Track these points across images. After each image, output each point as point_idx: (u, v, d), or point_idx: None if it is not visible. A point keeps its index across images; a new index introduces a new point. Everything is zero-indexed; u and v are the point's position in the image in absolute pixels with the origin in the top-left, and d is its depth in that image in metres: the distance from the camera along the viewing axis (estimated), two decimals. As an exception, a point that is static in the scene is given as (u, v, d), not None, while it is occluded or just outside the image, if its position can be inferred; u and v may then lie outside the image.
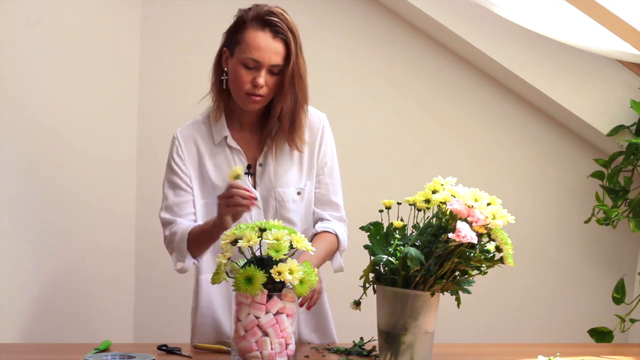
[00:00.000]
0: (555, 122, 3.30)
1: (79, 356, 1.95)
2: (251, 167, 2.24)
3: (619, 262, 3.27)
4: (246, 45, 2.13)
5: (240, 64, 2.14)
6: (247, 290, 1.79)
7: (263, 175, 2.25)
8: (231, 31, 2.19)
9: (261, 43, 2.12)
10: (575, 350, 2.23)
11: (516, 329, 3.31)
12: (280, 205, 2.24)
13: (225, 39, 2.21)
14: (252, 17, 2.15)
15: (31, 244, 2.63)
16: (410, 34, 3.26)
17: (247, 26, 2.14)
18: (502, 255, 1.85)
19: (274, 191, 2.24)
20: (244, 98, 2.16)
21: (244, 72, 2.14)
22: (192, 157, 2.25)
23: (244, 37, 2.14)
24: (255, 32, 2.13)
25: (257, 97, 2.15)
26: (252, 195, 2.00)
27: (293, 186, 2.26)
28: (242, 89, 2.15)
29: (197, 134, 2.27)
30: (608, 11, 2.83)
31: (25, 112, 2.58)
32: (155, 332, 3.24)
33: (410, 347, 1.86)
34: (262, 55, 2.12)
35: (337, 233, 2.27)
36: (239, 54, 2.14)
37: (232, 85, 2.18)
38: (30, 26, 2.57)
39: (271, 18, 2.13)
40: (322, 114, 2.31)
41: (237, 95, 2.18)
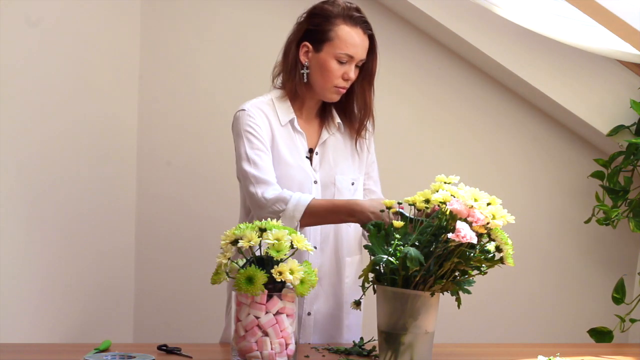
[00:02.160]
0: (555, 122, 3.30)
1: (79, 356, 1.95)
2: (312, 152, 2.33)
3: (619, 262, 3.27)
4: (342, 42, 2.23)
5: (333, 59, 2.24)
6: (248, 290, 1.79)
7: (322, 162, 2.33)
8: (315, 27, 2.26)
9: (357, 40, 2.25)
10: (575, 350, 2.23)
11: (516, 329, 3.31)
12: (339, 192, 2.32)
13: (305, 34, 2.27)
14: (341, 13, 2.24)
15: (31, 244, 2.63)
16: (410, 34, 3.26)
17: (338, 23, 2.24)
18: (502, 255, 1.85)
19: (334, 177, 2.32)
20: (330, 90, 2.27)
21: (336, 67, 2.24)
22: (265, 131, 2.28)
23: (337, 33, 2.23)
24: (350, 28, 2.24)
25: (343, 90, 2.28)
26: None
27: (349, 175, 2.35)
28: (332, 82, 2.25)
29: (268, 111, 2.31)
30: (608, 11, 2.83)
31: (26, 112, 2.58)
32: (155, 332, 3.24)
33: (410, 347, 1.86)
34: (357, 51, 2.25)
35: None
36: (330, 49, 2.23)
37: (320, 79, 2.26)
38: (30, 26, 2.57)
39: (359, 15, 2.26)
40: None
41: (323, 88, 2.27)
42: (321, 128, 2.36)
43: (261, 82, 3.22)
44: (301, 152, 2.31)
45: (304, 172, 2.29)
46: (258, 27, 3.28)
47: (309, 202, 2.15)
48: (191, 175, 3.29)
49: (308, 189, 2.28)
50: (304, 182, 2.28)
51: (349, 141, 2.38)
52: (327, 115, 2.36)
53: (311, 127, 2.35)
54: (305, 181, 2.28)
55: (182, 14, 3.28)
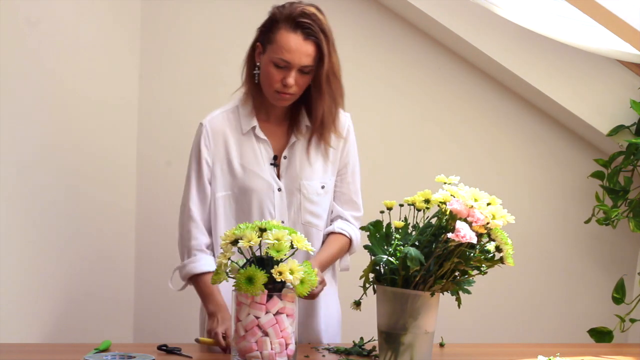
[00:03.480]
0: (555, 122, 3.30)
1: (79, 356, 1.95)
2: (277, 159, 2.28)
3: (619, 262, 3.27)
4: (277, 46, 2.17)
5: (271, 63, 2.18)
6: (248, 290, 1.79)
7: (288, 168, 2.29)
8: (264, 28, 2.23)
9: (292, 45, 2.16)
10: (575, 350, 2.23)
11: (516, 329, 3.31)
12: (305, 198, 2.28)
13: (258, 35, 2.25)
14: (284, 17, 2.18)
15: (31, 244, 2.63)
16: (410, 34, 3.26)
17: (279, 26, 2.18)
18: (502, 255, 1.85)
19: (300, 183, 2.28)
20: (273, 95, 2.21)
21: (274, 71, 2.18)
22: (218, 147, 2.28)
23: (275, 37, 2.18)
24: (287, 33, 2.17)
25: (286, 95, 2.20)
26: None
27: (318, 180, 2.30)
28: (272, 86, 2.20)
29: (226, 123, 2.30)
30: (608, 11, 2.83)
31: (26, 112, 2.58)
32: (155, 332, 3.24)
33: (410, 347, 1.86)
34: (292, 57, 2.16)
35: (352, 237, 2.33)
36: (270, 52, 2.19)
37: (263, 82, 2.22)
38: (30, 26, 2.57)
39: (303, 20, 2.17)
40: (347, 113, 2.36)
41: (267, 91, 2.23)
42: (290, 131, 2.30)
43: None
44: (262, 160, 2.27)
45: (264, 181, 2.26)
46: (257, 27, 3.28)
47: (199, 273, 2.24)
48: (191, 175, 3.28)
49: (270, 197, 2.26)
50: (265, 190, 2.26)
51: (321, 143, 2.31)
52: (296, 118, 2.30)
53: (279, 130, 2.30)
54: (267, 190, 2.26)
55: (182, 14, 3.28)
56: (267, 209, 2.25)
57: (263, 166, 2.27)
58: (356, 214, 2.37)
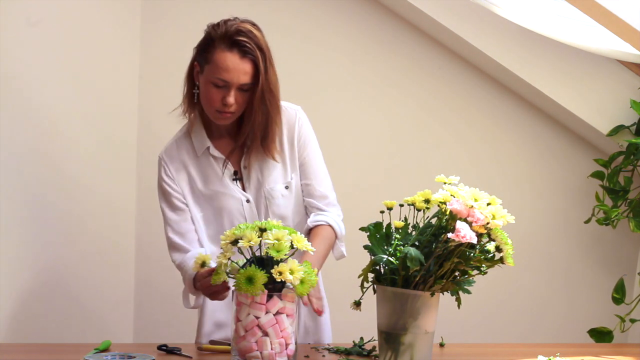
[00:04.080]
0: (555, 122, 3.30)
1: (79, 356, 1.95)
2: (238, 173, 2.27)
3: (619, 262, 3.27)
4: (215, 66, 2.13)
5: (209, 83, 2.15)
6: (249, 290, 1.79)
7: (250, 177, 2.27)
8: (200, 48, 2.19)
9: (229, 64, 2.12)
10: (575, 350, 2.23)
11: (516, 329, 3.31)
12: (270, 203, 2.26)
13: (195, 54, 2.21)
14: (220, 36, 2.14)
15: (31, 244, 2.63)
16: (410, 34, 3.26)
17: (215, 45, 2.14)
18: (502, 255, 1.85)
19: (263, 190, 2.26)
20: (214, 114, 2.18)
21: (214, 91, 2.15)
22: (180, 174, 2.27)
23: (212, 57, 2.13)
24: (223, 53, 2.13)
25: (227, 114, 2.17)
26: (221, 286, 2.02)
27: (280, 182, 2.27)
28: (212, 106, 2.16)
29: (181, 150, 2.29)
30: (608, 11, 2.83)
31: (26, 112, 2.58)
32: (155, 332, 3.24)
33: (410, 347, 1.85)
34: (230, 76, 2.12)
35: (331, 223, 2.28)
36: (208, 73, 2.15)
37: (203, 102, 2.19)
38: (30, 26, 2.57)
39: (239, 38, 2.13)
40: (297, 107, 2.31)
41: (208, 111, 2.19)
42: (244, 143, 2.25)
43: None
44: (223, 177, 2.25)
45: (231, 197, 2.25)
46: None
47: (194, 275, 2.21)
48: (191, 175, 3.28)
49: (239, 211, 2.25)
50: (234, 206, 2.25)
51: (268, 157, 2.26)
52: (243, 130, 2.24)
53: (234, 142, 2.27)
54: (235, 205, 2.25)
55: (182, 14, 3.28)
56: (238, 222, 2.22)
57: (227, 183, 2.25)
58: (327, 200, 2.32)
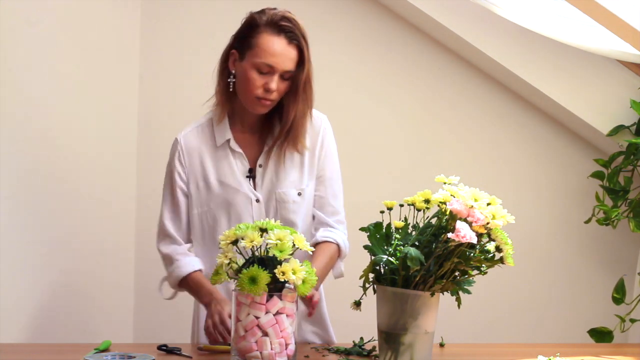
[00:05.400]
0: (555, 122, 3.30)
1: (79, 356, 1.95)
2: (252, 171, 2.25)
3: (619, 262, 3.27)
4: (261, 50, 2.13)
5: (253, 68, 2.14)
6: (252, 291, 1.79)
7: (264, 176, 2.25)
8: (242, 34, 2.18)
9: (277, 49, 2.13)
10: (575, 350, 2.23)
11: (516, 329, 3.31)
12: (280, 206, 2.24)
13: (234, 42, 2.21)
14: (266, 21, 2.14)
15: (31, 244, 2.63)
16: (410, 34, 3.27)
17: (260, 31, 2.14)
18: (502, 255, 1.85)
19: (275, 192, 2.24)
20: (253, 101, 2.17)
21: (256, 77, 2.14)
22: (193, 164, 2.26)
23: (257, 41, 2.13)
24: (270, 37, 2.13)
25: (267, 102, 2.16)
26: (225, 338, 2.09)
27: (294, 187, 2.25)
28: (253, 92, 2.15)
29: (200, 138, 2.27)
30: (608, 11, 2.83)
31: (26, 112, 2.58)
32: (155, 332, 3.24)
33: (410, 347, 1.86)
34: (277, 61, 2.12)
35: (339, 242, 2.27)
36: (251, 58, 2.14)
37: (242, 88, 2.17)
38: (30, 26, 2.57)
39: (286, 24, 2.14)
40: (323, 116, 2.31)
41: (246, 98, 2.18)
42: (263, 140, 2.26)
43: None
44: (238, 173, 2.24)
45: (242, 194, 2.23)
46: (258, 27, 3.28)
47: (186, 275, 2.22)
48: (191, 175, 3.28)
49: (248, 210, 2.23)
50: (243, 203, 2.23)
51: (295, 150, 2.26)
52: (270, 126, 2.26)
53: (254, 139, 2.27)
54: (244, 202, 2.23)
55: (182, 14, 3.28)
56: (245, 222, 2.17)
57: (240, 179, 2.24)
58: (337, 217, 2.31)
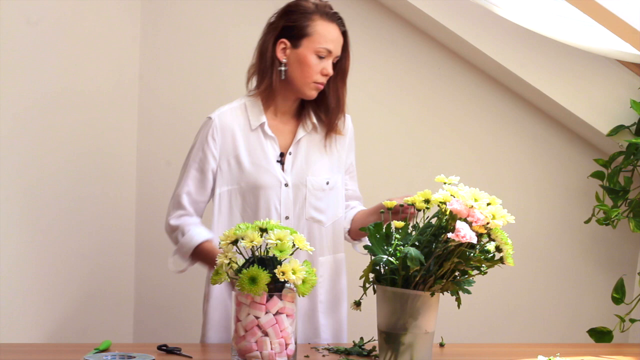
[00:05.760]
0: (555, 122, 3.30)
1: (79, 356, 1.95)
2: (283, 156, 2.32)
3: (619, 262, 3.27)
4: (320, 36, 2.26)
5: (312, 54, 2.26)
6: (252, 291, 1.79)
7: (294, 163, 2.33)
8: (292, 23, 2.28)
9: (335, 35, 2.29)
10: (575, 350, 2.23)
11: (516, 329, 3.31)
12: (310, 193, 2.32)
13: (282, 31, 2.30)
14: (319, 10, 2.28)
15: (31, 244, 2.63)
16: (410, 34, 3.26)
17: (315, 18, 2.27)
18: (502, 255, 1.85)
19: (306, 179, 2.32)
20: (309, 86, 2.28)
21: (315, 62, 2.27)
22: (226, 142, 2.31)
23: (315, 29, 2.27)
24: (328, 24, 2.28)
25: (321, 85, 2.30)
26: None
27: (323, 176, 2.35)
28: (312, 77, 2.27)
29: (234, 119, 2.33)
30: (608, 11, 2.83)
31: (25, 112, 2.58)
32: (155, 332, 3.24)
33: (410, 347, 1.86)
34: (335, 46, 2.28)
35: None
36: (310, 44, 2.26)
37: (300, 74, 2.28)
38: (30, 26, 2.57)
39: (335, 12, 2.30)
40: (348, 115, 2.44)
41: (303, 83, 2.28)
42: (296, 128, 2.35)
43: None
44: (270, 156, 2.30)
45: (272, 177, 2.29)
46: (258, 27, 3.28)
47: (199, 244, 2.25)
48: (191, 175, 3.28)
49: (276, 192, 2.29)
50: (272, 186, 2.29)
51: (326, 141, 2.38)
52: (303, 115, 2.36)
53: (286, 127, 2.35)
54: (274, 185, 2.29)
55: (182, 14, 3.28)
56: (273, 205, 2.29)
57: (272, 163, 2.30)
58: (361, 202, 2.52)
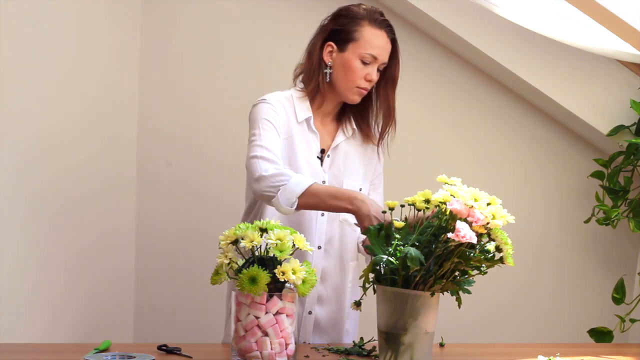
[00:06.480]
0: (555, 122, 3.30)
1: (79, 356, 1.95)
2: (324, 152, 2.34)
3: (619, 262, 3.27)
4: (367, 42, 2.26)
5: (357, 59, 2.26)
6: (252, 291, 1.79)
7: (331, 165, 2.34)
8: (341, 27, 2.28)
9: (382, 42, 2.28)
10: (575, 350, 2.23)
11: (516, 329, 3.31)
12: None
13: (330, 34, 2.30)
14: (367, 15, 2.27)
15: (31, 244, 2.63)
16: (410, 34, 3.26)
17: (363, 24, 2.27)
18: (502, 255, 1.85)
19: (342, 181, 2.34)
20: (352, 91, 2.29)
21: (360, 67, 2.27)
22: (283, 119, 2.30)
23: (362, 34, 2.26)
24: (375, 30, 2.27)
25: (364, 91, 2.29)
26: None
27: (358, 181, 2.37)
28: (355, 82, 2.27)
29: (285, 105, 2.32)
30: (608, 11, 2.83)
31: (25, 112, 2.58)
32: (155, 332, 3.24)
33: (410, 347, 1.85)
34: (380, 52, 2.28)
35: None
36: (356, 49, 2.26)
37: (343, 78, 2.28)
38: (30, 26, 2.57)
39: (385, 19, 2.29)
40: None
41: (346, 87, 2.29)
42: (336, 131, 2.37)
43: (261, 82, 3.23)
44: (313, 151, 2.32)
45: (313, 171, 2.31)
46: (258, 27, 3.28)
47: (312, 183, 2.13)
48: (191, 175, 3.29)
49: None
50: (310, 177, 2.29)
51: (361, 148, 2.39)
52: (344, 120, 2.38)
53: (326, 129, 2.37)
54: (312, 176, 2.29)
55: (182, 14, 3.28)
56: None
57: (313, 156, 2.32)
58: None
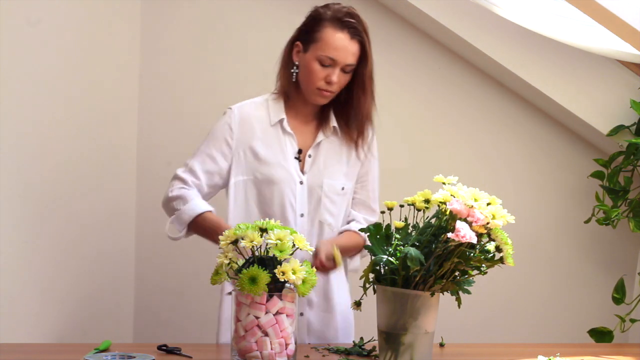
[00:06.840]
0: (555, 122, 3.30)
1: (79, 356, 1.95)
2: (301, 152, 2.33)
3: (619, 262, 3.27)
4: (324, 44, 2.23)
5: (315, 61, 2.24)
6: (252, 291, 1.79)
7: (312, 166, 2.33)
8: (305, 27, 2.28)
9: (339, 43, 2.23)
10: (575, 350, 2.23)
11: (516, 329, 3.31)
12: (325, 196, 2.33)
13: (299, 34, 2.30)
14: (330, 16, 2.24)
15: (31, 244, 2.63)
16: (410, 34, 3.26)
17: (325, 25, 2.24)
18: (502, 255, 1.85)
19: (322, 181, 2.33)
20: (314, 92, 2.27)
21: (318, 69, 2.24)
22: (244, 133, 2.32)
23: (321, 35, 2.24)
24: (334, 31, 2.24)
25: (327, 93, 2.27)
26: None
27: (339, 181, 2.35)
28: (315, 84, 2.25)
29: (254, 112, 2.34)
30: (608, 11, 2.83)
31: (25, 112, 2.58)
32: (155, 332, 3.24)
33: (410, 347, 1.86)
34: (339, 54, 2.23)
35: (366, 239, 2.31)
36: (315, 50, 2.24)
37: (304, 79, 2.27)
38: (30, 26, 2.57)
39: (349, 20, 2.24)
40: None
41: (307, 89, 2.28)
42: (317, 131, 2.36)
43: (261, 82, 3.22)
44: (288, 152, 2.32)
45: (287, 172, 2.30)
46: (258, 27, 3.28)
47: (202, 212, 2.23)
48: (191, 175, 3.28)
49: (291, 189, 2.30)
50: (287, 182, 2.30)
51: (345, 146, 2.38)
52: (324, 118, 2.37)
53: (307, 128, 2.36)
54: (288, 181, 2.30)
55: (182, 14, 3.28)
56: (288, 200, 2.30)
57: (287, 158, 2.31)
58: (370, 218, 2.41)
